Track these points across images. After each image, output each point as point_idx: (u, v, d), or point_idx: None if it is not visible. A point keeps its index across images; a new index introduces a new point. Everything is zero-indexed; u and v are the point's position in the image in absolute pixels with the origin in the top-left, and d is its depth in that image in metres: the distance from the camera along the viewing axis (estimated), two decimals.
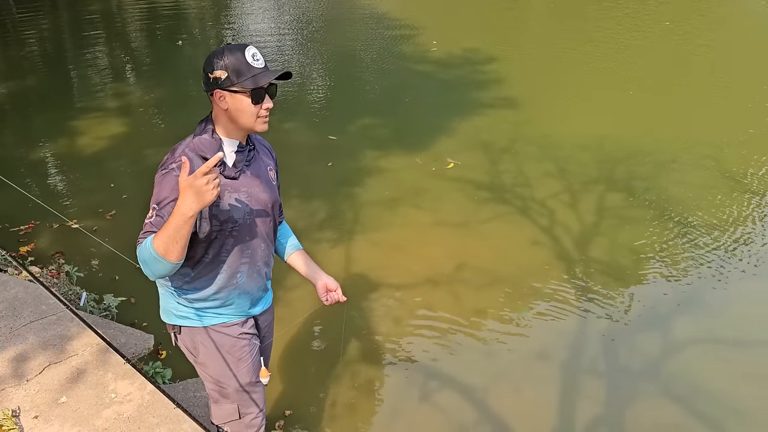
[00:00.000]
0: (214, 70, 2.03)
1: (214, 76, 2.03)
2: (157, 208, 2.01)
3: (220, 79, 2.02)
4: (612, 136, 6.87)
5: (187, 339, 2.28)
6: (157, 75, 9.42)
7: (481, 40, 10.97)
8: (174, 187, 1.97)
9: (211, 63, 2.04)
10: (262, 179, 2.24)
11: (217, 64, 2.02)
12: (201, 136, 2.09)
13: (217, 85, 2.03)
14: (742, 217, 5.34)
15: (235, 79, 2.02)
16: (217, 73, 2.02)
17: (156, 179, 2.03)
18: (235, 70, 2.01)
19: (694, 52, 10.57)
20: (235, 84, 2.02)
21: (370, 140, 6.85)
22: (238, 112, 2.06)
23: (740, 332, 4.08)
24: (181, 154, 2.02)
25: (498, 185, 5.84)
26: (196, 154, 2.04)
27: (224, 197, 2.10)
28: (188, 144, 2.07)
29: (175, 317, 2.25)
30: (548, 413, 3.43)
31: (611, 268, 4.69)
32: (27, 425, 2.46)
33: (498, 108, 7.77)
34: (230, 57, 2.02)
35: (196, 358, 2.31)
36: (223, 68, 2.02)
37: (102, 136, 6.84)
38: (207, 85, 2.06)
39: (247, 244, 2.21)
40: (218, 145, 2.09)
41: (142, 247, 2.00)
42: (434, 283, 4.48)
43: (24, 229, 4.97)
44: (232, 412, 2.38)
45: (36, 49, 10.81)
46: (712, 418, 3.40)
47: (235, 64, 2.01)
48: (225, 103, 2.05)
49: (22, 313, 3.17)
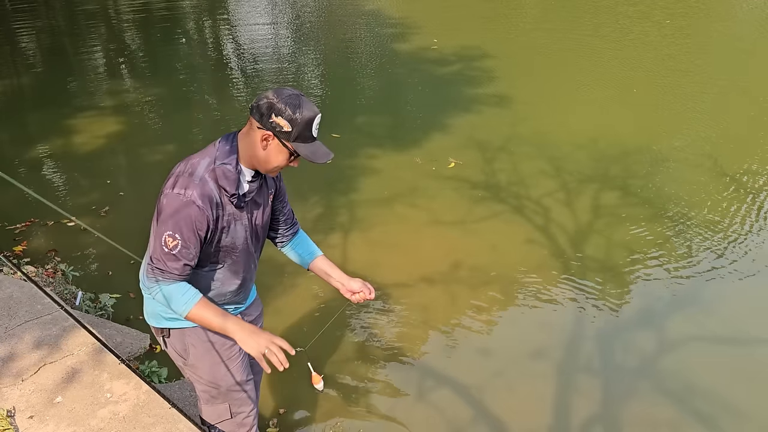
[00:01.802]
0: (280, 115, 1.95)
1: (277, 122, 1.96)
2: (180, 240, 1.97)
3: (281, 128, 1.96)
4: (608, 134, 6.88)
5: (176, 341, 2.27)
6: (152, 72, 9.41)
7: (480, 38, 10.96)
8: (196, 220, 1.97)
9: (280, 107, 1.95)
10: (263, 204, 2.25)
11: (287, 113, 1.95)
12: (225, 165, 2.02)
13: (272, 129, 1.97)
14: (738, 215, 5.36)
15: (293, 138, 1.98)
16: (281, 122, 1.95)
17: (170, 201, 1.98)
18: (299, 131, 1.97)
19: (692, 50, 10.58)
20: (290, 142, 1.99)
21: (369, 138, 6.86)
22: (272, 158, 2.04)
23: (735, 330, 4.10)
24: (201, 183, 1.98)
25: (494, 184, 5.84)
26: (216, 184, 2.01)
27: (231, 227, 2.11)
28: (210, 170, 2.01)
29: (164, 320, 2.24)
30: (543, 410, 3.44)
31: (606, 266, 4.70)
32: (22, 425, 2.46)
33: (495, 106, 7.78)
34: (301, 117, 1.95)
35: (186, 360, 2.30)
36: (290, 121, 1.95)
37: (98, 135, 6.83)
38: (261, 118, 1.97)
39: (241, 264, 2.24)
40: (238, 177, 2.05)
41: (180, 291, 2.03)
42: (429, 282, 4.49)
43: (20, 228, 4.96)
44: (223, 412, 2.39)
45: (30, 47, 10.78)
46: (706, 415, 3.42)
47: (302, 126, 1.96)
48: (266, 145, 2.01)
49: (18, 313, 3.16)
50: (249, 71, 9.56)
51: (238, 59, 10.32)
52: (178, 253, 1.98)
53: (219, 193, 2.02)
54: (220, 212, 2.04)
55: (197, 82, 8.98)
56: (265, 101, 1.97)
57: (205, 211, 1.98)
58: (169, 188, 1.99)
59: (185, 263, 2.01)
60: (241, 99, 8.35)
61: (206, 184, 1.99)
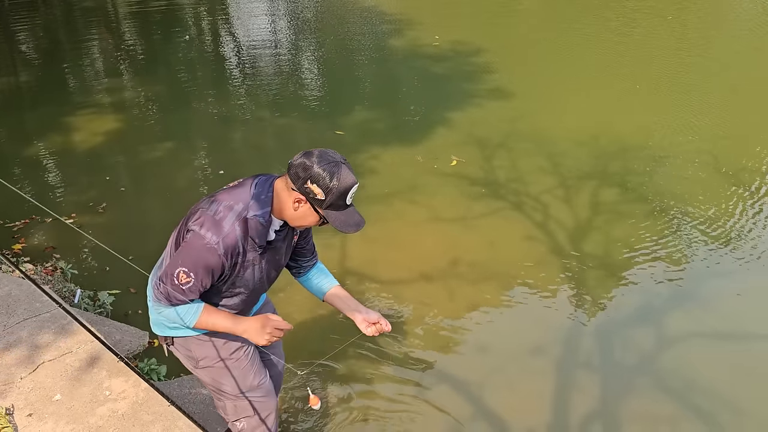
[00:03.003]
0: (315, 183, 1.92)
1: (311, 189, 1.93)
2: (192, 278, 1.98)
3: (314, 196, 1.94)
4: (608, 131, 6.87)
5: (180, 348, 2.28)
6: (151, 69, 9.39)
7: (482, 34, 10.95)
8: (214, 267, 1.98)
9: (316, 173, 1.91)
10: (286, 247, 2.24)
11: (323, 181, 1.91)
12: (258, 218, 2.00)
13: (305, 195, 1.95)
14: (737, 212, 5.35)
15: (326, 206, 1.96)
16: (315, 189, 1.92)
17: (194, 240, 1.97)
18: (332, 200, 1.95)
19: (692, 47, 10.57)
20: (322, 209, 1.97)
21: (371, 134, 6.84)
22: (302, 219, 2.03)
23: (734, 326, 4.10)
24: (229, 232, 1.96)
25: (493, 180, 5.84)
26: (244, 234, 1.99)
27: (248, 270, 2.10)
28: (241, 219, 1.98)
29: (168, 329, 2.24)
30: (543, 407, 3.44)
31: (605, 263, 4.70)
32: (21, 423, 2.46)
33: (496, 102, 7.76)
34: (337, 187, 1.92)
35: (196, 364, 2.30)
36: (324, 190, 1.92)
37: (96, 132, 6.82)
38: (296, 181, 1.94)
39: (252, 296, 2.26)
40: (268, 228, 2.05)
41: (185, 311, 2.07)
42: (428, 278, 4.49)
43: (18, 226, 4.96)
44: (246, 408, 2.39)
45: (28, 43, 10.75)
46: (705, 411, 3.42)
47: (336, 195, 1.94)
48: (298, 207, 2.00)
49: (16, 311, 3.16)
50: (248, 68, 9.54)
51: (237, 56, 10.31)
52: (187, 289, 2.00)
53: (244, 242, 2.01)
54: (239, 259, 2.04)
55: (196, 78, 8.96)
56: (302, 163, 1.93)
57: (225, 261, 1.99)
58: (196, 226, 1.98)
59: (192, 297, 2.04)
60: (240, 95, 8.34)
61: (233, 233, 1.97)
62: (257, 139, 6.97)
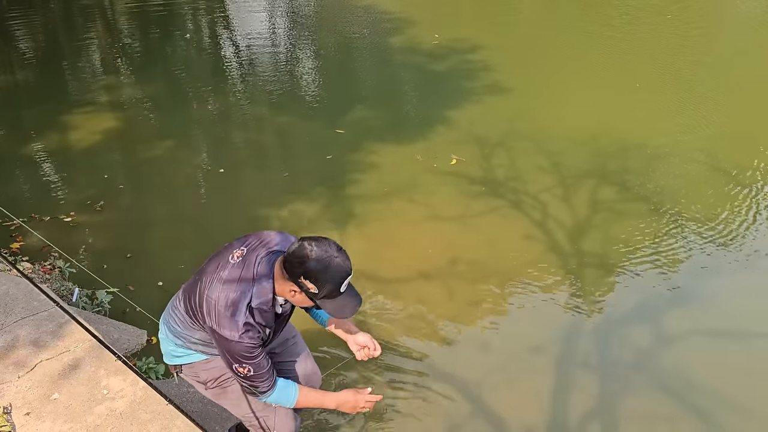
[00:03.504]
0: (308, 278, 1.99)
1: (304, 283, 2.01)
2: (249, 361, 2.09)
3: (307, 289, 2.02)
4: (606, 129, 6.86)
5: (189, 373, 2.36)
6: (149, 67, 9.37)
7: (483, 31, 10.91)
8: (255, 346, 2.08)
9: (309, 268, 1.98)
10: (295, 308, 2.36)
11: (314, 276, 1.98)
12: (262, 307, 2.08)
13: (299, 287, 2.03)
14: (736, 211, 5.36)
15: (320, 297, 2.04)
16: (308, 284, 2.00)
17: (223, 344, 2.07)
18: (326, 293, 2.02)
19: (693, 45, 10.55)
20: (318, 300, 2.05)
21: (370, 132, 6.81)
22: (300, 303, 2.14)
23: (732, 324, 4.11)
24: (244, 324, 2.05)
25: (492, 179, 5.83)
26: (253, 320, 2.08)
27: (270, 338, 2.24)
28: (248, 308, 2.06)
29: (175, 358, 2.33)
30: (541, 405, 3.44)
31: (604, 261, 4.70)
32: (19, 422, 2.45)
33: (495, 100, 7.74)
34: (330, 279, 2.00)
35: (206, 387, 2.37)
36: (317, 284, 2.00)
37: (94, 130, 6.80)
38: (291, 275, 2.02)
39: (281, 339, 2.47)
40: (273, 311, 2.15)
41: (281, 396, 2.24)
42: (427, 276, 4.49)
43: (16, 224, 4.94)
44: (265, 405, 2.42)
45: (26, 41, 10.73)
46: (704, 410, 3.43)
47: (329, 289, 2.01)
48: (294, 295, 2.08)
49: (14, 310, 3.15)
50: (246, 66, 9.52)
51: (235, 54, 10.29)
52: (254, 375, 2.11)
53: (258, 324, 2.11)
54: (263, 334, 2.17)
55: (194, 76, 8.94)
56: (297, 257, 1.99)
57: (257, 340, 2.09)
58: (215, 326, 2.06)
59: (266, 378, 2.15)
60: (238, 93, 8.33)
61: (249, 321, 2.06)
62: (256, 137, 6.96)
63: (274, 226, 5.06)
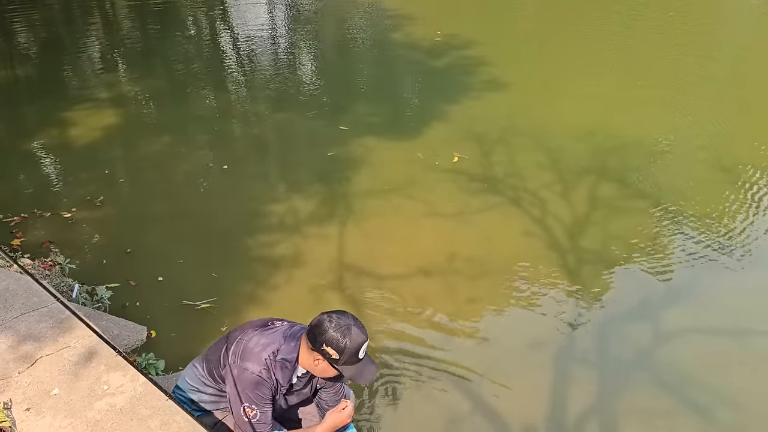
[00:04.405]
0: (329, 345, 2.25)
1: (327, 351, 2.26)
2: (258, 406, 2.34)
3: (329, 356, 2.27)
4: (606, 126, 6.86)
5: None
6: (149, 63, 9.36)
7: (484, 28, 10.92)
8: (269, 391, 2.36)
9: (330, 337, 2.25)
10: (306, 391, 2.59)
11: (336, 343, 2.24)
12: (285, 361, 2.36)
13: (322, 355, 2.28)
14: (735, 208, 5.36)
15: (341, 363, 2.28)
16: (330, 351, 2.25)
17: (242, 376, 2.33)
18: (346, 358, 2.26)
19: (694, 41, 10.53)
20: (339, 366, 2.29)
21: (371, 129, 6.81)
22: (322, 373, 2.36)
23: (731, 321, 4.12)
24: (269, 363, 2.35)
25: (491, 176, 5.84)
26: (271, 376, 2.36)
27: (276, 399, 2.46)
28: (274, 355, 2.35)
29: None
30: (540, 401, 3.46)
31: (602, 258, 4.71)
32: (19, 417, 2.46)
33: (495, 97, 7.74)
34: (350, 345, 2.25)
35: None
36: (338, 350, 2.25)
37: (94, 126, 6.80)
38: (314, 344, 2.28)
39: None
40: (292, 373, 2.41)
41: None
42: (427, 273, 4.49)
43: (16, 220, 4.95)
44: None
45: (25, 38, 10.71)
46: (702, 406, 3.44)
47: (350, 353, 2.26)
48: (317, 364, 2.33)
49: (14, 305, 3.15)
50: (247, 62, 9.51)
51: (236, 50, 10.27)
52: (258, 422, 2.35)
53: (275, 376, 2.38)
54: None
55: (195, 72, 8.93)
56: (319, 328, 2.27)
57: (273, 385, 2.37)
58: (240, 360, 2.35)
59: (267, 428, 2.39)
60: (238, 89, 8.33)
61: (270, 365, 2.35)
62: (257, 133, 6.96)
63: (275, 221, 5.07)
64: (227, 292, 4.23)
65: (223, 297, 4.16)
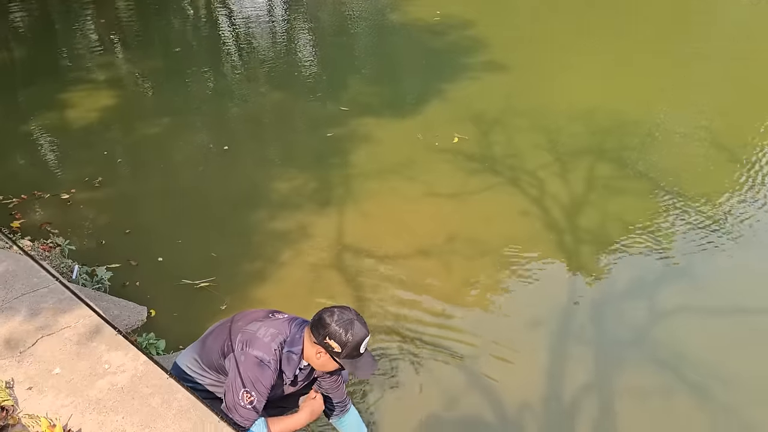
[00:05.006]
0: (332, 339, 2.32)
1: (329, 344, 2.33)
2: (257, 393, 2.37)
3: (332, 349, 2.34)
4: (604, 106, 6.83)
5: None
6: (146, 45, 9.30)
7: (482, 8, 10.81)
8: (271, 380, 2.39)
9: (333, 330, 2.32)
10: (307, 384, 2.66)
11: (338, 337, 2.31)
12: (291, 353, 2.43)
13: (325, 347, 2.35)
14: (733, 189, 5.36)
15: (343, 357, 2.35)
16: (333, 344, 2.33)
17: (247, 361, 2.37)
18: (348, 352, 2.33)
19: (694, 21, 10.46)
20: (341, 359, 2.36)
21: (370, 110, 6.78)
22: (323, 366, 2.43)
23: (727, 300, 4.14)
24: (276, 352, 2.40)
25: (489, 156, 5.83)
26: (278, 367, 2.42)
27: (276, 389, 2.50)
28: (281, 347, 2.41)
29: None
30: (537, 379, 3.49)
31: (600, 238, 4.72)
32: (21, 396, 2.48)
33: (494, 77, 7.69)
34: (352, 339, 2.32)
35: None
36: (340, 344, 2.32)
37: (92, 108, 6.78)
38: (317, 337, 2.35)
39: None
40: (297, 364, 2.47)
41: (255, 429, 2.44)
42: (425, 253, 4.51)
43: (15, 202, 4.96)
44: None
45: (22, 20, 10.62)
46: (697, 383, 3.48)
47: (352, 347, 2.33)
48: (320, 357, 2.39)
49: (14, 286, 3.17)
50: (245, 43, 9.46)
51: (232, 30, 10.20)
52: (254, 407, 2.37)
53: (280, 367, 2.44)
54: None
55: (191, 54, 8.88)
56: (322, 321, 2.35)
57: (276, 375, 2.41)
58: (247, 347, 2.39)
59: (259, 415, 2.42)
60: (236, 70, 8.28)
61: (277, 355, 2.41)
62: (257, 114, 6.93)
63: (274, 202, 5.08)
64: (226, 271, 4.25)
65: (222, 276, 4.19)
